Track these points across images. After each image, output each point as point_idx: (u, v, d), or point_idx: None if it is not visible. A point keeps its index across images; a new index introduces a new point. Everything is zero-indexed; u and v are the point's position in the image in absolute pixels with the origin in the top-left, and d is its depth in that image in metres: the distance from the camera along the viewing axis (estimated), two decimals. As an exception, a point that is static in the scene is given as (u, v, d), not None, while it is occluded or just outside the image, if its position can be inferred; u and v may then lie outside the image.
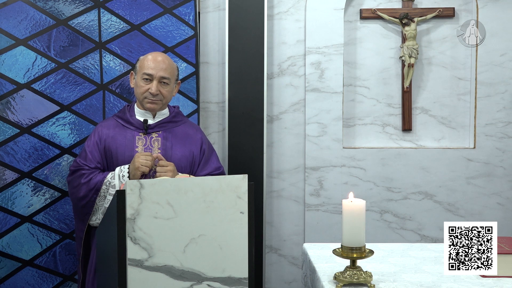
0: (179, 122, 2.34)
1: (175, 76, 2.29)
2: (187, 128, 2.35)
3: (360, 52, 3.26)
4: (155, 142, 2.24)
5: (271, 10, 3.17)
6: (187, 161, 2.26)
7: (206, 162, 2.32)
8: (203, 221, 1.52)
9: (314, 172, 3.19)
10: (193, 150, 2.29)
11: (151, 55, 2.26)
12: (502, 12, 3.17)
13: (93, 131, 2.32)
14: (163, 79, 2.21)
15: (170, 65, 2.25)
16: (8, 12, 2.47)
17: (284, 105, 3.22)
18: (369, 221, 2.90)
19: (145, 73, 2.20)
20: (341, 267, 1.73)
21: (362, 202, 1.62)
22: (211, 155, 2.36)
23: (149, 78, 2.20)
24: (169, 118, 2.31)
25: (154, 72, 2.19)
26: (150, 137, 2.25)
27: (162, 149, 2.23)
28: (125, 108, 2.34)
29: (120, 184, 2.13)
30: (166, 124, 2.29)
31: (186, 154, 2.26)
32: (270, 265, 3.25)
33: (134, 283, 1.46)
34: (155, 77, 2.19)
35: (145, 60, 2.23)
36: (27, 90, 2.49)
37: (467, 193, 3.21)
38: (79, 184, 2.18)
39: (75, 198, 2.22)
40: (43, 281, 2.54)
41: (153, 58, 2.23)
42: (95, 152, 2.22)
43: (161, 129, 2.27)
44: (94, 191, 2.15)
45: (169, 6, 2.76)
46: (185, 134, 2.31)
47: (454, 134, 3.28)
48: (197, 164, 2.29)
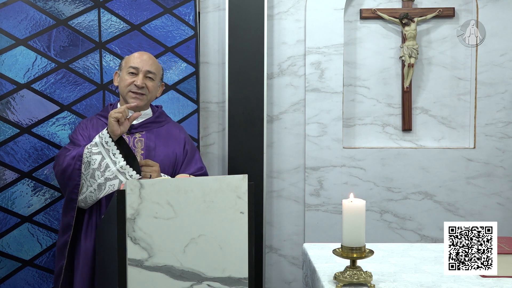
0: (162, 122, 2.33)
1: (160, 75, 2.30)
2: (171, 128, 2.34)
3: (360, 52, 3.26)
4: (138, 142, 2.23)
5: (271, 10, 3.17)
6: (170, 162, 2.25)
7: (189, 163, 2.31)
8: (203, 221, 1.53)
9: (314, 172, 3.19)
10: (176, 151, 2.28)
11: (137, 53, 2.28)
12: (502, 12, 3.17)
13: (79, 125, 2.31)
14: (149, 73, 2.22)
15: (156, 63, 2.28)
16: (8, 12, 2.47)
17: (284, 105, 3.22)
18: (369, 221, 2.90)
19: (131, 66, 2.20)
20: (341, 267, 1.73)
21: (362, 202, 1.62)
22: (193, 155, 2.35)
23: (135, 72, 2.20)
24: (152, 118, 2.31)
25: (140, 65, 2.20)
26: (133, 137, 2.23)
27: (145, 150, 2.22)
28: (108, 108, 2.33)
29: (100, 142, 2.07)
30: (149, 124, 2.28)
31: (169, 154, 2.26)
32: (270, 265, 3.25)
33: (134, 283, 1.46)
34: (141, 70, 2.20)
35: (131, 57, 2.26)
36: (27, 90, 2.49)
37: (467, 193, 3.21)
38: (63, 158, 2.12)
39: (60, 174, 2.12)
40: (43, 281, 2.54)
41: (139, 55, 2.26)
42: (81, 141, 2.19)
43: (144, 130, 2.26)
44: (77, 157, 2.07)
45: (169, 6, 2.76)
46: (168, 134, 2.31)
47: (454, 134, 3.28)
48: (180, 164, 2.29)
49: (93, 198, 2.10)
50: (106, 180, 2.06)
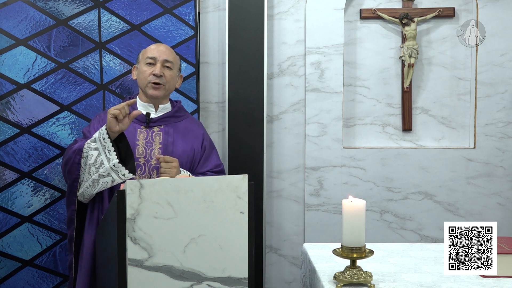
0: (181, 117, 2.32)
1: (178, 65, 2.30)
2: (189, 124, 2.34)
3: (360, 52, 3.26)
4: (156, 136, 2.22)
5: (271, 10, 3.17)
6: (188, 157, 2.24)
7: (207, 159, 2.30)
8: (203, 221, 1.53)
9: (314, 172, 3.19)
10: (194, 147, 2.27)
11: (153, 44, 2.30)
12: (502, 12, 3.17)
13: (94, 118, 2.30)
14: (167, 62, 2.22)
15: (173, 53, 2.28)
16: (8, 12, 2.48)
17: (284, 105, 3.22)
18: (369, 221, 2.90)
19: (149, 56, 2.21)
20: (341, 267, 1.73)
21: (362, 202, 1.62)
22: (211, 152, 2.34)
23: (153, 62, 2.21)
24: (171, 112, 2.30)
25: (158, 55, 2.21)
26: (151, 131, 2.22)
27: (163, 144, 2.21)
28: (127, 100, 2.32)
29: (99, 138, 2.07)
30: (168, 118, 2.27)
31: (187, 150, 2.25)
32: (270, 265, 3.25)
33: (134, 283, 1.46)
34: (158, 60, 2.21)
35: (147, 49, 2.27)
36: (27, 90, 2.49)
37: (467, 193, 3.21)
38: (67, 151, 2.15)
39: (63, 166, 2.17)
40: (43, 281, 2.54)
41: (156, 46, 2.27)
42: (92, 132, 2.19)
43: (163, 124, 2.25)
44: (77, 151, 2.09)
45: (169, 6, 2.76)
46: (187, 129, 2.30)
47: (454, 134, 3.28)
48: (197, 160, 2.28)
49: (89, 193, 2.09)
50: (100, 177, 2.04)
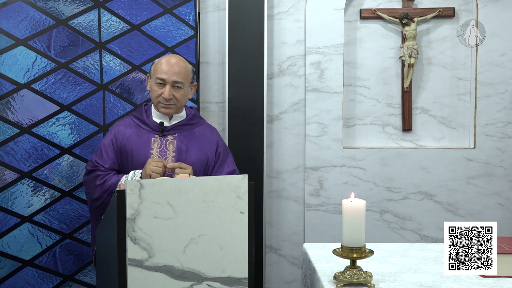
0: (195, 124, 2.31)
1: (190, 79, 2.24)
2: (204, 130, 2.33)
3: (360, 52, 3.26)
4: (170, 145, 2.22)
5: (271, 10, 3.17)
6: (201, 164, 2.24)
7: (221, 165, 2.29)
8: (203, 221, 1.52)
9: (314, 172, 3.19)
10: (208, 153, 2.27)
11: (164, 58, 2.23)
12: (502, 12, 3.17)
13: (111, 129, 2.30)
14: (176, 83, 2.17)
15: (184, 68, 2.21)
16: (8, 12, 2.48)
17: (284, 105, 3.22)
18: (369, 221, 2.90)
19: (158, 77, 2.17)
20: (341, 267, 1.73)
21: (362, 202, 1.62)
22: (226, 158, 2.33)
23: (162, 83, 2.17)
24: (185, 120, 2.29)
25: (167, 76, 2.16)
26: (165, 139, 2.22)
27: (176, 153, 2.21)
28: (142, 108, 2.31)
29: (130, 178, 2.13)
30: (182, 126, 2.27)
31: (201, 158, 2.25)
32: (270, 265, 3.25)
33: (134, 283, 1.46)
34: (167, 81, 2.16)
35: (158, 64, 2.20)
36: (27, 90, 2.49)
37: (467, 193, 3.21)
38: (94, 186, 2.18)
39: (90, 199, 2.23)
40: (43, 281, 2.54)
41: (167, 61, 2.19)
42: (110, 152, 2.21)
43: (177, 132, 2.25)
44: (108, 193, 2.14)
45: (169, 6, 2.76)
46: (201, 136, 2.29)
47: (454, 134, 3.28)
48: (211, 167, 2.27)
49: None
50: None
